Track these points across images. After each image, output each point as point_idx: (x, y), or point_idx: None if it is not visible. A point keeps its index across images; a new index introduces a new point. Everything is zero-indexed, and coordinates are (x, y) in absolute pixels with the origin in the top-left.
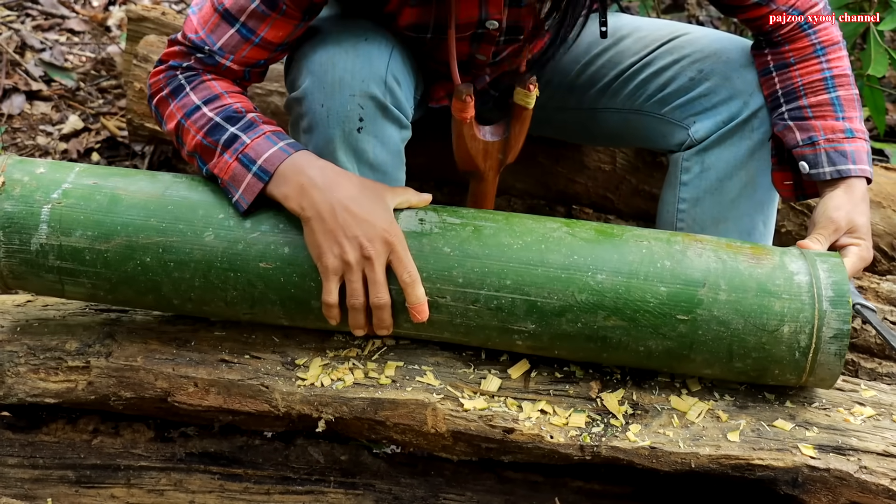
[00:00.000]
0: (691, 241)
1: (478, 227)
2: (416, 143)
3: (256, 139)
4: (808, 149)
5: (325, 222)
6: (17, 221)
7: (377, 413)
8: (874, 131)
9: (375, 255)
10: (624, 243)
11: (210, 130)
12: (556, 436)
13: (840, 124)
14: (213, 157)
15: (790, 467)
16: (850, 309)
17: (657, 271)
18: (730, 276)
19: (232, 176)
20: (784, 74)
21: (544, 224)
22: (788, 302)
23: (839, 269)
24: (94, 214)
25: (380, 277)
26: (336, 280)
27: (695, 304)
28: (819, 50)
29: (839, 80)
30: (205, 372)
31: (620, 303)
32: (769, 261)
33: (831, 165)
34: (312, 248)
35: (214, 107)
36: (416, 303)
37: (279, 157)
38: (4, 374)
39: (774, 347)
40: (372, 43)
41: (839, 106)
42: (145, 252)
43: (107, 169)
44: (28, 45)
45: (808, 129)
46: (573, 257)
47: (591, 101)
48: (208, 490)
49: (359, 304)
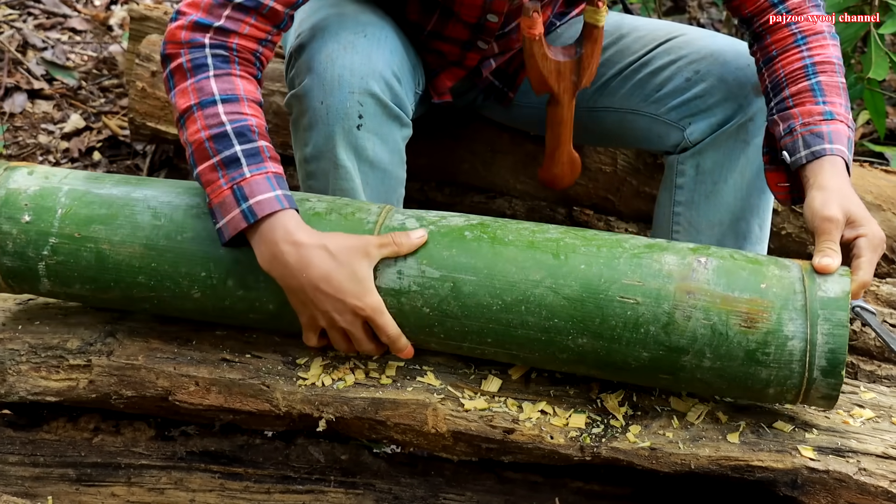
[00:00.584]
0: (682, 296)
1: (457, 284)
2: (419, 143)
3: (256, 176)
4: (788, 138)
5: (295, 294)
6: (20, 275)
7: (378, 413)
8: (874, 134)
9: (349, 326)
10: (609, 303)
11: (217, 137)
12: (557, 436)
13: (819, 108)
14: (207, 167)
15: (790, 469)
16: (842, 379)
17: (640, 337)
18: (717, 344)
19: (221, 203)
20: (770, 69)
21: (527, 276)
22: (776, 370)
23: (840, 335)
24: (86, 272)
25: (359, 335)
26: (314, 333)
27: (677, 368)
28: (800, 39)
29: (821, 67)
30: (206, 371)
31: (601, 363)
32: (765, 323)
33: (807, 148)
34: (290, 303)
35: (231, 111)
36: (401, 352)
37: (271, 207)
38: (6, 372)
39: (760, 399)
40: (371, 40)
41: (819, 91)
42: (142, 301)
43: (87, 204)
44: (30, 44)
45: (788, 118)
46: (553, 320)
47: (588, 100)
48: (209, 489)
49: (344, 350)
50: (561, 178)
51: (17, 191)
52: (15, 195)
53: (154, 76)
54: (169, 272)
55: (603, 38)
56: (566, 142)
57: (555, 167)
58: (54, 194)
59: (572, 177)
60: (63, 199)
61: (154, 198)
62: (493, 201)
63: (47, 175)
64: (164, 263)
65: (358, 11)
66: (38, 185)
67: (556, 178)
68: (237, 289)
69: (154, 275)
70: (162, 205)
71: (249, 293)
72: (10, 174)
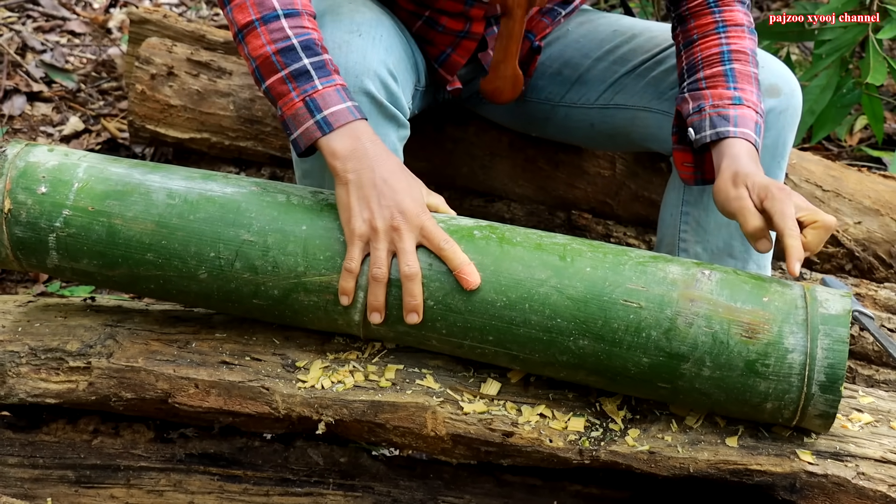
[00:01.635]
0: (685, 303)
1: None
2: (418, 147)
3: (328, 88)
4: (696, 116)
5: (362, 188)
6: (29, 246)
7: (377, 416)
8: (872, 139)
9: (405, 227)
10: (612, 306)
11: (284, 51)
12: (556, 440)
13: (729, 92)
14: (277, 80)
15: (788, 473)
16: (840, 395)
17: (642, 342)
18: (717, 353)
19: (294, 114)
20: (689, 51)
21: (532, 275)
22: (775, 383)
23: (839, 351)
24: (95, 246)
25: (408, 247)
26: (360, 246)
27: (676, 377)
28: (720, 27)
29: (736, 56)
30: (205, 373)
31: (601, 367)
32: (766, 334)
33: (712, 128)
34: (343, 211)
35: (295, 25)
36: (461, 265)
37: (345, 117)
38: (6, 373)
39: (756, 416)
40: (366, 38)
41: (732, 77)
42: (147, 280)
43: (104, 180)
44: (29, 47)
45: (699, 98)
46: (556, 320)
47: (600, 98)
48: (208, 491)
49: (381, 275)
50: (502, 91)
51: (37, 164)
52: (34, 167)
53: (153, 79)
54: (178, 251)
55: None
56: (512, 56)
57: (498, 80)
58: (73, 169)
59: (513, 92)
60: (81, 174)
61: (171, 179)
62: (492, 205)
63: (67, 153)
64: (174, 242)
65: (353, 10)
66: (58, 161)
67: (497, 90)
68: (244, 271)
69: (163, 252)
70: (178, 187)
71: (256, 276)
72: (30, 149)
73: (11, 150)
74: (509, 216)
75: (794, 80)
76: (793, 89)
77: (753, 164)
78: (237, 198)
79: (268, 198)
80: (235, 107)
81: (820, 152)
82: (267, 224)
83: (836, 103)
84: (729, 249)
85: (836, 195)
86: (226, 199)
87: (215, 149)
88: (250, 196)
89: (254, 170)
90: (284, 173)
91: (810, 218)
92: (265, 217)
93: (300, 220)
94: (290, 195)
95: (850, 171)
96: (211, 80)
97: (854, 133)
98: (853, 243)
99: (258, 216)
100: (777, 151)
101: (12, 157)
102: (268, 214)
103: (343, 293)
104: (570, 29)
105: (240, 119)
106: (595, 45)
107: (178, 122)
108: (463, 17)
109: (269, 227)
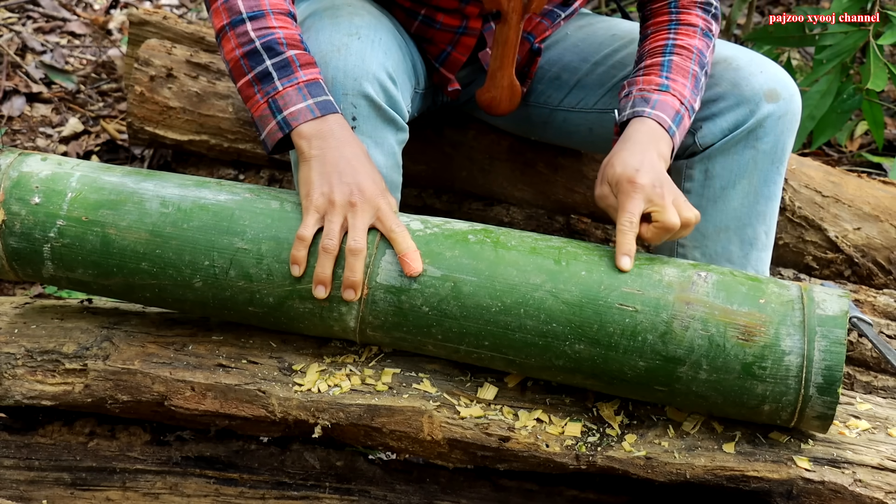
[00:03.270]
0: (681, 306)
1: (457, 284)
2: (417, 150)
3: (288, 88)
4: (624, 99)
5: (325, 164)
6: (25, 257)
7: (373, 420)
8: (873, 145)
9: (361, 204)
10: (607, 310)
11: (249, 54)
12: (552, 445)
13: (659, 80)
14: (245, 84)
15: (785, 479)
16: (837, 397)
17: (637, 346)
18: (713, 356)
19: (261, 116)
20: (641, 45)
21: (527, 279)
22: (772, 385)
23: (837, 353)
24: (90, 256)
25: (360, 224)
26: (317, 217)
27: (673, 380)
28: (672, 24)
29: (678, 50)
30: (202, 376)
31: (597, 371)
32: (762, 337)
33: (631, 108)
34: (303, 185)
35: (258, 27)
36: (406, 251)
37: (304, 116)
38: (2, 375)
39: (754, 418)
40: (365, 41)
41: (667, 67)
42: (143, 289)
43: (97, 189)
44: (29, 48)
45: (633, 83)
46: (551, 324)
47: (599, 102)
48: (203, 494)
49: (331, 247)
50: (499, 101)
51: (30, 174)
52: (27, 178)
53: (153, 80)
54: (172, 259)
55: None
56: (509, 65)
57: (494, 89)
58: (66, 179)
59: (510, 103)
60: (74, 183)
61: (164, 187)
62: (491, 209)
63: (60, 162)
64: (168, 250)
65: (352, 12)
66: (51, 171)
67: (493, 100)
68: (239, 279)
69: (157, 261)
70: (171, 195)
71: (251, 284)
72: (23, 159)
73: (5, 161)
74: (508, 220)
75: (793, 84)
76: (791, 94)
77: (635, 146)
78: (231, 205)
79: (261, 205)
80: (235, 109)
81: (820, 158)
82: (261, 232)
83: (836, 109)
84: (727, 255)
85: (836, 201)
86: (219, 206)
87: (214, 151)
88: (244, 203)
89: (253, 172)
90: (283, 175)
91: (655, 216)
92: (259, 224)
93: (294, 227)
94: (283, 202)
95: (849, 176)
96: (210, 81)
97: (854, 139)
98: (852, 249)
99: (252, 224)
100: (776, 156)
101: (6, 167)
102: (261, 222)
103: (294, 262)
104: (568, 33)
105: (239, 121)
106: (594, 50)
107: (177, 123)
108: (459, 13)
109: (263, 234)
